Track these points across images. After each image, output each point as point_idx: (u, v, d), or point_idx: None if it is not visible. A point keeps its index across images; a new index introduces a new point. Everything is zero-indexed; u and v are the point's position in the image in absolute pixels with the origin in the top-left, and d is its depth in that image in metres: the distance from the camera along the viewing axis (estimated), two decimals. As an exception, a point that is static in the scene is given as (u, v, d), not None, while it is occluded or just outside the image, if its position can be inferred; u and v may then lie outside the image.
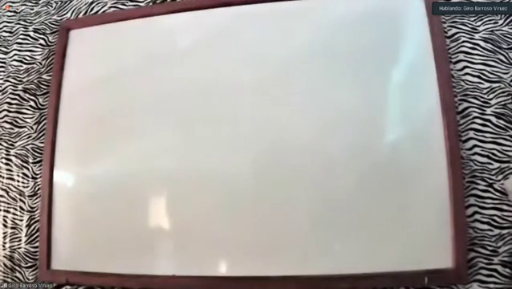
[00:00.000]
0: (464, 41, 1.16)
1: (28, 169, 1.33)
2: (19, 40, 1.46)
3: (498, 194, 1.06)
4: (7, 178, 1.34)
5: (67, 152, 1.29)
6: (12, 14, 1.50)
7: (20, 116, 1.38)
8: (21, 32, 1.46)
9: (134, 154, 1.23)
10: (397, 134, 1.12)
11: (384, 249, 1.05)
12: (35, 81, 1.40)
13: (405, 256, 1.04)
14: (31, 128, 1.36)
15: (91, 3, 1.41)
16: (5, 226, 1.31)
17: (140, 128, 1.23)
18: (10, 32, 1.48)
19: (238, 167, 1.14)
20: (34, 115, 1.37)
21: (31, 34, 1.45)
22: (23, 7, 1.49)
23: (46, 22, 1.45)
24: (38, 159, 1.33)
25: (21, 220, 1.31)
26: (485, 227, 1.04)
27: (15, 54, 1.45)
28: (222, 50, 1.23)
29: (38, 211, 1.29)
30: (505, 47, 1.14)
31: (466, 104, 1.12)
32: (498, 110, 1.10)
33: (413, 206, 1.06)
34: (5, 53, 1.46)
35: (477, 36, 1.16)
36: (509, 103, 1.10)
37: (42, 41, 1.44)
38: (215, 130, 1.18)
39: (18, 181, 1.33)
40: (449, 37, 1.16)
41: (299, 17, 1.21)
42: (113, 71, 1.30)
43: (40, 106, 1.37)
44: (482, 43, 1.15)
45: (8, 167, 1.35)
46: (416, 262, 1.03)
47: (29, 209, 1.31)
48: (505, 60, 1.13)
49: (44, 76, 1.39)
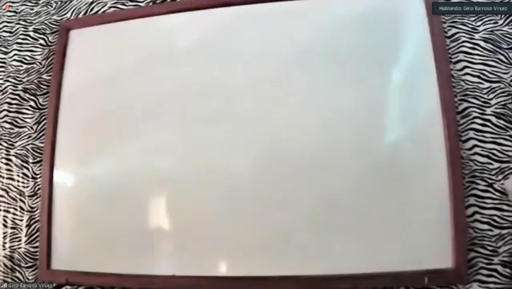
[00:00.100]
0: (464, 41, 1.16)
1: (28, 169, 1.33)
2: (19, 40, 1.46)
3: (498, 194, 1.06)
4: (7, 178, 1.34)
5: (67, 152, 1.29)
6: (12, 14, 1.50)
7: (20, 116, 1.38)
8: (21, 32, 1.46)
9: (134, 154, 1.23)
10: (397, 134, 1.12)
11: (384, 249, 1.05)
12: (35, 81, 1.40)
13: (405, 256, 1.04)
14: (31, 128, 1.36)
15: (91, 3, 1.41)
16: (5, 226, 1.31)
17: (140, 128, 1.24)
18: (10, 32, 1.48)
19: (238, 167, 1.15)
20: (34, 115, 1.37)
21: (31, 34, 1.45)
22: (23, 7, 1.49)
23: (46, 22, 1.45)
24: (38, 159, 1.33)
25: (21, 220, 1.31)
26: (485, 227, 1.04)
27: (15, 54, 1.45)
28: (222, 50, 1.23)
29: (38, 211, 1.29)
30: (505, 47, 1.14)
31: (466, 104, 1.12)
32: (498, 110, 1.10)
33: (413, 206, 1.06)
34: (5, 53, 1.46)
35: (477, 36, 1.16)
36: (509, 103, 1.10)
37: (42, 41, 1.44)
38: (215, 130, 1.18)
39: (18, 181, 1.33)
40: (449, 37, 1.16)
41: (299, 17, 1.21)
42: (113, 71, 1.30)
43: (40, 106, 1.37)
44: (482, 43, 1.15)
45: (8, 167, 1.35)
46: (416, 262, 1.03)
47: (29, 209, 1.31)
48: (505, 60, 1.13)
49: (44, 76, 1.39)
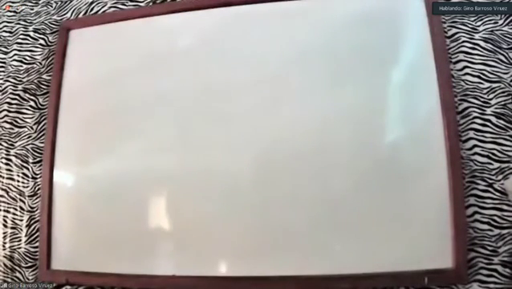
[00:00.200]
0: (464, 41, 1.16)
1: (28, 169, 1.33)
2: (19, 40, 1.46)
3: (498, 194, 1.06)
4: (7, 178, 1.34)
5: (67, 152, 1.29)
6: (12, 14, 1.50)
7: (20, 116, 1.38)
8: (21, 32, 1.46)
9: (134, 154, 1.23)
10: (397, 134, 1.12)
11: (384, 249, 1.05)
12: (35, 81, 1.40)
13: (405, 256, 1.04)
14: (31, 128, 1.36)
15: (91, 3, 1.41)
16: (5, 226, 1.31)
17: (140, 128, 1.24)
18: (10, 32, 1.48)
19: (238, 167, 1.15)
20: (34, 115, 1.37)
21: (31, 34, 1.45)
22: (23, 7, 1.49)
23: (46, 22, 1.45)
24: (38, 159, 1.33)
25: (21, 220, 1.31)
26: (485, 227, 1.04)
27: (15, 54, 1.45)
28: (222, 50, 1.23)
29: (38, 211, 1.29)
30: (505, 47, 1.14)
31: (466, 104, 1.12)
32: (498, 110, 1.10)
33: (413, 206, 1.06)
34: (5, 53, 1.46)
35: (477, 36, 1.16)
36: (509, 103, 1.10)
37: (42, 41, 1.44)
38: (215, 130, 1.18)
39: (18, 181, 1.33)
40: (449, 37, 1.16)
41: (299, 17, 1.21)
42: (113, 71, 1.30)
43: (40, 106, 1.37)
44: (482, 43, 1.15)
45: (8, 167, 1.35)
46: (416, 262, 1.03)
47: (29, 209, 1.31)
48: (505, 60, 1.13)
49: (44, 76, 1.39)
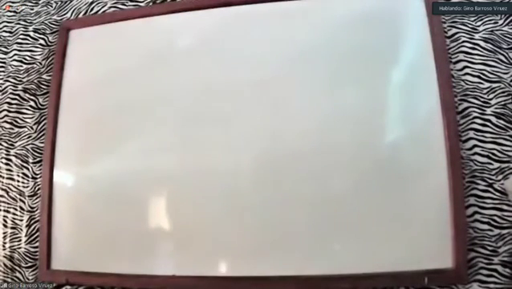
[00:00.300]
0: (464, 41, 1.16)
1: (28, 169, 1.33)
2: (19, 40, 1.46)
3: (498, 194, 1.06)
4: (7, 178, 1.34)
5: (67, 152, 1.29)
6: (12, 14, 1.50)
7: (20, 116, 1.38)
8: (21, 32, 1.46)
9: (134, 154, 1.23)
10: (397, 134, 1.12)
11: (384, 249, 1.05)
12: (35, 81, 1.40)
13: (405, 256, 1.04)
14: (31, 128, 1.36)
15: (91, 3, 1.41)
16: (5, 226, 1.31)
17: (140, 128, 1.24)
18: (10, 32, 1.48)
19: (238, 167, 1.15)
20: (34, 115, 1.37)
21: (31, 34, 1.45)
22: (23, 7, 1.49)
23: (46, 22, 1.45)
24: (38, 159, 1.33)
25: (21, 220, 1.31)
26: (485, 227, 1.04)
27: (15, 54, 1.44)
28: (222, 50, 1.23)
29: (38, 211, 1.29)
30: (505, 47, 1.14)
31: (466, 104, 1.12)
32: (498, 110, 1.10)
33: (413, 206, 1.06)
34: (5, 53, 1.46)
35: (477, 36, 1.16)
36: (509, 103, 1.10)
37: (42, 41, 1.44)
38: (215, 130, 1.18)
39: (18, 181, 1.33)
40: (449, 37, 1.16)
41: (299, 17, 1.21)
42: (113, 71, 1.30)
43: (40, 106, 1.37)
44: (482, 43, 1.15)
45: (8, 167, 1.35)
46: (416, 262, 1.03)
47: (29, 209, 1.31)
48: (505, 60, 1.13)
49: (44, 76, 1.39)
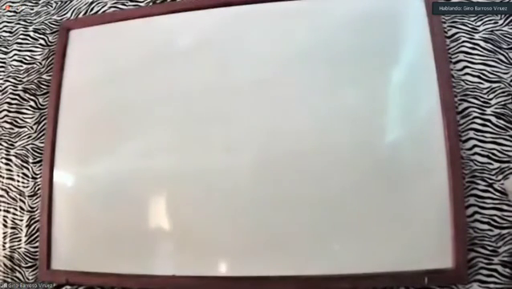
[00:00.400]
0: (464, 41, 1.16)
1: (28, 169, 1.33)
2: (19, 40, 1.46)
3: (498, 194, 1.06)
4: (7, 178, 1.34)
5: (67, 152, 1.29)
6: (12, 14, 1.50)
7: (20, 116, 1.38)
8: (21, 32, 1.46)
9: (134, 154, 1.22)
10: (397, 134, 1.12)
11: (384, 249, 1.05)
12: (35, 81, 1.40)
13: (405, 256, 1.04)
14: (31, 128, 1.36)
15: (91, 3, 1.41)
16: (5, 226, 1.31)
17: (140, 128, 1.23)
18: (10, 32, 1.48)
19: (238, 167, 1.15)
20: (34, 115, 1.37)
21: (31, 34, 1.45)
22: (23, 7, 1.49)
23: (46, 22, 1.45)
24: (38, 159, 1.33)
25: (21, 220, 1.31)
26: (485, 227, 1.04)
27: (15, 54, 1.44)
28: (222, 50, 1.23)
29: (38, 211, 1.29)
30: (505, 47, 1.14)
31: (466, 104, 1.12)
32: (498, 110, 1.10)
33: (413, 206, 1.06)
34: (5, 53, 1.46)
35: (477, 36, 1.16)
36: (509, 103, 1.10)
37: (42, 41, 1.44)
38: (215, 130, 1.18)
39: (18, 181, 1.33)
40: (449, 37, 1.16)
41: (299, 17, 1.21)
42: (113, 71, 1.30)
43: (40, 106, 1.37)
44: (482, 43, 1.15)
45: (8, 167, 1.35)
46: (416, 262, 1.03)
47: (29, 209, 1.30)
48: (505, 60, 1.13)
49: (44, 76, 1.39)
